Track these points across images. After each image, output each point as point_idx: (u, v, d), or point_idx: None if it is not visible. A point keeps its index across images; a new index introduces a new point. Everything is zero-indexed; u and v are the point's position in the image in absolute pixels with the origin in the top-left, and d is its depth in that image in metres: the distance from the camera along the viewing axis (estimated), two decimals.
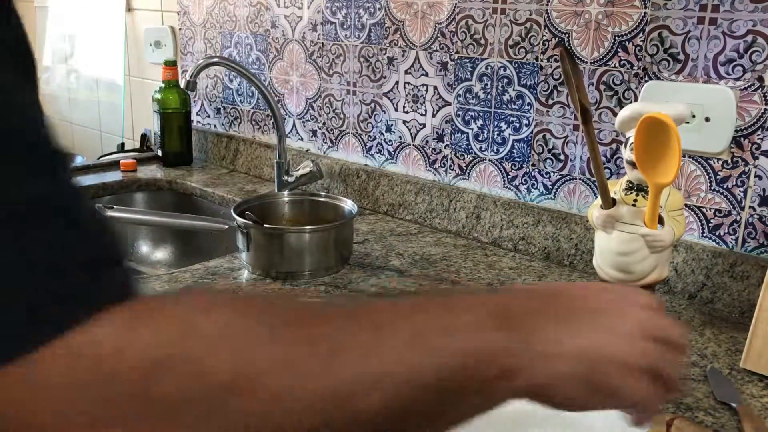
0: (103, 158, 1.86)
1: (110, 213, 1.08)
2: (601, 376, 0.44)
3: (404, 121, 1.38)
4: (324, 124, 1.54)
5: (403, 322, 0.39)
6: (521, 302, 0.45)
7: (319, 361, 0.35)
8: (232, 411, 0.33)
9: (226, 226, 1.11)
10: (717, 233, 1.02)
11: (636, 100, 1.06)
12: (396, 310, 0.41)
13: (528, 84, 1.18)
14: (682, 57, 1.01)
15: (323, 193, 1.45)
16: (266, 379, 0.34)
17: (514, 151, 1.22)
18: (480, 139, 1.26)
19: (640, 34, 1.04)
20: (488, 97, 1.24)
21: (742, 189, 0.99)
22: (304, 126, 1.58)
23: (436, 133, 1.33)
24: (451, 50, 1.27)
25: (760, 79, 0.95)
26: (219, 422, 0.33)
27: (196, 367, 0.32)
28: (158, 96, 1.71)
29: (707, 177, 1.01)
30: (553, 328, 0.44)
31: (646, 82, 1.05)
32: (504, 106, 1.22)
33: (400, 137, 1.39)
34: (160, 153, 1.77)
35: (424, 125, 1.35)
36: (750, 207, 0.98)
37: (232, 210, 1.12)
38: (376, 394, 0.36)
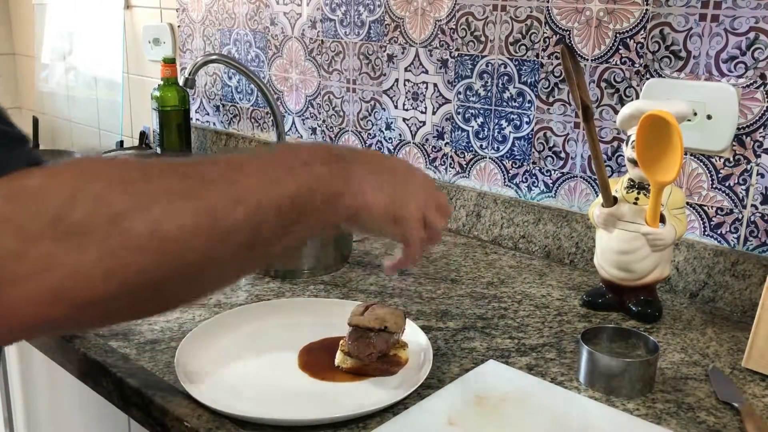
0: (102, 156, 1.85)
1: None
2: (399, 209, 0.59)
3: (404, 119, 1.37)
4: (323, 121, 1.53)
5: (256, 161, 0.51)
6: (345, 150, 0.59)
7: (192, 185, 0.45)
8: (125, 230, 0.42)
9: None
10: (719, 232, 1.01)
11: (637, 97, 1.05)
12: (249, 154, 0.57)
13: (529, 81, 1.18)
14: (683, 54, 1.00)
15: None
16: (154, 205, 0.43)
17: (515, 148, 1.22)
18: (480, 136, 1.26)
19: (642, 32, 1.03)
20: (489, 94, 1.23)
21: (744, 187, 0.98)
22: (304, 124, 1.57)
23: (436, 130, 1.32)
24: (451, 47, 1.27)
25: (763, 76, 0.94)
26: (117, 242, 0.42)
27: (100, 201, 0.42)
28: (157, 93, 1.71)
29: (709, 175, 1.01)
30: (367, 170, 0.58)
31: (647, 79, 1.04)
32: (504, 103, 1.21)
33: (399, 135, 1.39)
34: (159, 151, 1.76)
35: (424, 123, 1.34)
36: (752, 205, 0.98)
37: None
38: (240, 210, 0.46)
